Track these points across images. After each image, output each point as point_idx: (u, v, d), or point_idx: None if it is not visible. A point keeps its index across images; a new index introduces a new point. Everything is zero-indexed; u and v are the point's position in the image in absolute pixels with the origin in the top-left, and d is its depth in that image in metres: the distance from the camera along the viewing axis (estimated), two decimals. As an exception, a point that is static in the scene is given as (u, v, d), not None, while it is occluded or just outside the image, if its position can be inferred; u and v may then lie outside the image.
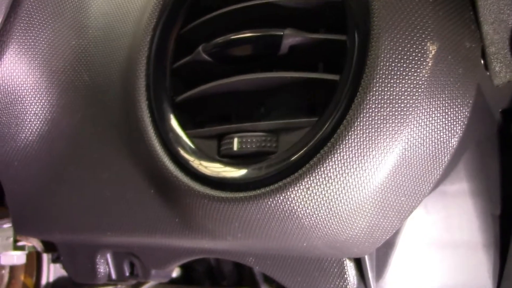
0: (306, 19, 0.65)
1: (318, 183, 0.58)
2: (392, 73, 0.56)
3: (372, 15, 0.58)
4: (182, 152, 0.67)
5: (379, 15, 0.58)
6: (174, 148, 0.68)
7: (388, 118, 0.56)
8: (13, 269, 1.18)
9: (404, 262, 0.70)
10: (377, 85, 0.56)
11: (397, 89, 0.56)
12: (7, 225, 1.07)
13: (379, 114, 0.56)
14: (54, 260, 1.11)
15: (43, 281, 1.15)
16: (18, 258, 1.09)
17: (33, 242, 1.04)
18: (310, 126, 0.60)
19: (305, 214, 0.59)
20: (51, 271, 1.15)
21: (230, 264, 1.40)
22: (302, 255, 0.70)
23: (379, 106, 0.56)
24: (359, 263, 0.69)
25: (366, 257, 0.68)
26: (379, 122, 0.56)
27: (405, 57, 0.56)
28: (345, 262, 0.68)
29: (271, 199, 0.60)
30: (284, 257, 0.71)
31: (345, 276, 0.68)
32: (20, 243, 1.07)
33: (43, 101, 0.81)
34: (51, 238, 0.91)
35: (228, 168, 0.64)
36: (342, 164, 0.57)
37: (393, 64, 0.56)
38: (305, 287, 0.71)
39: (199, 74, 0.69)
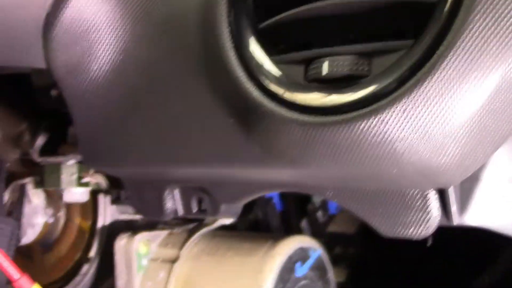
0: None
1: (415, 106, 0.57)
2: (496, -8, 0.54)
3: None
4: (267, 78, 0.66)
5: None
6: (258, 75, 0.67)
7: (490, 39, 0.54)
8: (69, 211, 1.18)
9: (488, 197, 0.69)
10: (480, 5, 0.54)
11: (501, 10, 0.54)
12: (72, 162, 1.07)
13: (481, 34, 0.54)
14: (114, 201, 1.11)
15: (99, 224, 1.15)
16: (81, 195, 1.10)
17: (98, 179, 1.04)
18: (406, 48, 0.59)
19: (399, 138, 0.58)
20: (108, 214, 1.15)
21: (278, 218, 1.40)
22: (384, 188, 0.69)
23: (482, 26, 0.54)
24: (442, 196, 0.68)
25: (451, 190, 0.67)
26: (480, 43, 0.54)
27: (509, -24, 0.54)
28: (428, 195, 0.67)
29: (364, 122, 0.59)
30: (364, 190, 0.70)
31: (428, 208, 0.67)
32: (84, 180, 1.08)
33: (117, 30, 0.80)
34: (120, 171, 0.91)
35: (317, 92, 0.63)
36: (441, 86, 0.56)
37: (496, -16, 0.54)
38: (386, 220, 0.70)
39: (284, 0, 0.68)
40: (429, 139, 0.58)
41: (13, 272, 0.85)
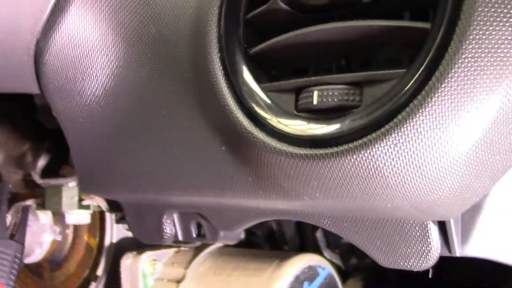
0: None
1: (407, 139, 0.54)
2: (491, 19, 0.51)
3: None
4: (257, 107, 0.64)
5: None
6: (248, 103, 0.65)
7: (485, 69, 0.51)
8: (77, 229, 1.17)
9: (491, 227, 0.66)
10: (474, 32, 0.51)
11: (496, 38, 0.51)
12: (72, 184, 1.06)
13: (475, 64, 0.51)
14: (118, 221, 1.10)
15: (107, 241, 1.14)
16: (82, 217, 1.09)
17: (98, 202, 1.03)
18: (398, 78, 0.56)
19: (391, 172, 0.55)
20: (114, 231, 1.14)
21: (292, 229, 1.38)
22: (382, 218, 0.66)
23: (476, 56, 0.51)
24: (443, 227, 0.65)
25: (451, 221, 0.64)
26: (475, 73, 0.51)
27: (504, 2, 0.51)
28: (428, 226, 0.64)
29: (354, 156, 0.56)
30: (362, 219, 0.68)
31: (428, 240, 0.65)
32: (85, 202, 1.07)
33: (109, 55, 0.78)
34: (117, 197, 0.89)
35: (307, 124, 0.60)
36: (434, 119, 0.53)
37: (491, 10, 0.51)
38: (385, 251, 0.67)
39: (275, 25, 0.65)
40: (423, 173, 0.55)
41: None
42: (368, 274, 1.44)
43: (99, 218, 1.14)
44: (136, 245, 1.08)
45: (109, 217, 1.13)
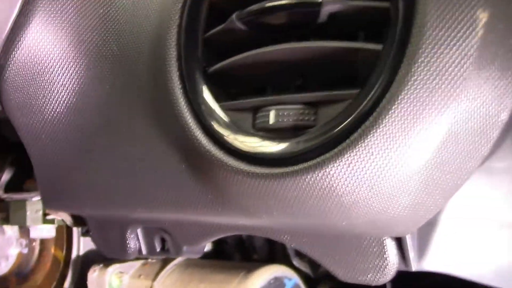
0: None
1: (360, 159, 0.55)
2: (439, 43, 0.52)
3: (418, -20, 0.54)
4: (215, 125, 0.65)
5: (426, -20, 0.54)
6: (207, 121, 0.65)
7: (434, 91, 0.52)
8: (43, 242, 1.17)
9: (447, 242, 0.67)
10: (423, 55, 0.52)
11: (444, 60, 0.52)
12: (37, 198, 1.06)
13: (424, 86, 0.52)
14: (84, 234, 1.10)
15: (73, 254, 1.14)
16: (47, 231, 1.09)
17: (62, 216, 1.03)
18: (351, 98, 0.57)
19: (345, 191, 0.56)
20: (81, 244, 1.14)
21: (262, 239, 1.39)
22: (340, 234, 0.67)
23: (425, 78, 0.52)
24: (400, 242, 0.66)
25: (408, 236, 0.65)
26: (424, 95, 0.53)
27: (453, 26, 0.52)
28: (385, 241, 0.65)
29: (309, 176, 0.57)
30: (321, 235, 0.69)
31: (385, 255, 0.66)
32: (49, 217, 1.07)
33: (71, 71, 0.79)
34: (80, 212, 0.89)
35: (264, 143, 0.61)
36: (385, 139, 0.54)
37: (440, 34, 0.52)
38: (343, 266, 0.68)
39: (233, 44, 0.66)
40: (377, 192, 0.56)
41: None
42: (337, 282, 1.45)
43: (66, 231, 1.14)
44: (103, 258, 1.08)
45: (76, 230, 1.13)
